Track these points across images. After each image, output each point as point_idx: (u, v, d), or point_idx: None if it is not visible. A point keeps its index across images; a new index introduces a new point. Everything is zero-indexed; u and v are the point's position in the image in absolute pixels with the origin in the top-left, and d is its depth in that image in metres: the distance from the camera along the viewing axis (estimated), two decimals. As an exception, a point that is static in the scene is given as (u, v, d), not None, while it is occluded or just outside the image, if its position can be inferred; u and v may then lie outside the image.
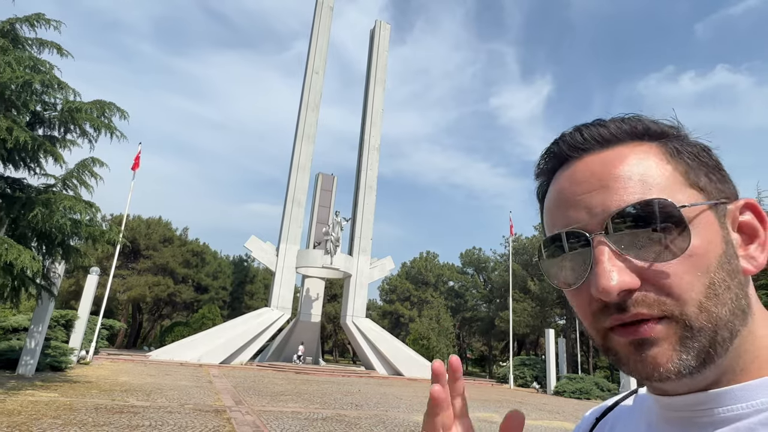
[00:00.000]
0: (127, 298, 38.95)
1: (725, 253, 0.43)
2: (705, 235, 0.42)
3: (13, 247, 7.75)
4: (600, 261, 0.43)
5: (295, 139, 34.21)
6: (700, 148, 0.47)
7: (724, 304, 0.41)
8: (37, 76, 8.28)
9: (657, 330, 0.42)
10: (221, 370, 23.28)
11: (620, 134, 0.47)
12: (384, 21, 40.33)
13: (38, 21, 10.88)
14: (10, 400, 8.93)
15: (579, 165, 0.48)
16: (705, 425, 0.43)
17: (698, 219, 0.43)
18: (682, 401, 0.44)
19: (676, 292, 0.41)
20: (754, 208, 0.46)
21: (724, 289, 0.42)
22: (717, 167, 0.47)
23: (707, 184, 0.45)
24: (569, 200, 0.47)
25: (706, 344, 0.41)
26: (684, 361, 0.41)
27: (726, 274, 0.42)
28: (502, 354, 55.54)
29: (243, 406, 10.87)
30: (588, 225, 0.45)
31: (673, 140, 0.47)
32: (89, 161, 12.13)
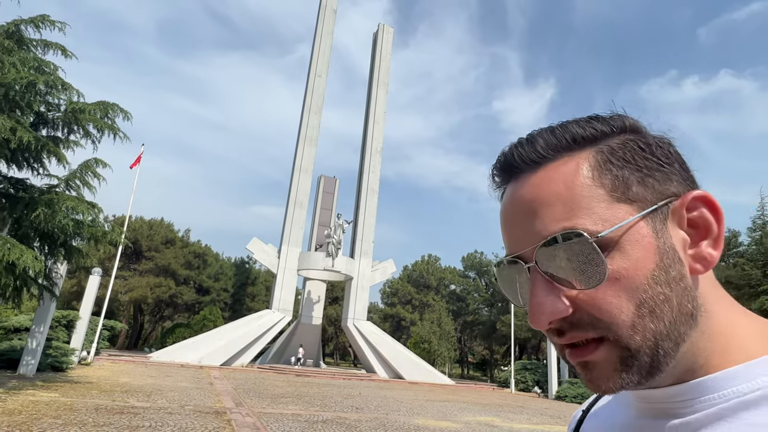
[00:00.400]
0: (129, 299, 39.00)
1: (660, 266, 0.41)
2: (632, 253, 0.41)
3: (16, 247, 7.78)
4: (533, 293, 0.43)
5: (298, 142, 34.28)
6: (636, 148, 0.45)
7: (661, 318, 0.41)
8: (41, 77, 8.32)
9: (596, 354, 0.42)
10: (222, 371, 23.26)
11: (548, 151, 0.45)
12: (387, 24, 40.46)
13: (43, 22, 10.95)
14: (11, 400, 8.93)
15: (516, 188, 0.47)
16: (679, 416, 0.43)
17: (624, 237, 0.41)
18: (658, 394, 0.45)
19: (606, 317, 0.41)
20: (707, 201, 0.43)
21: (661, 302, 0.41)
22: (658, 166, 0.44)
23: (640, 192, 0.43)
24: (507, 225, 0.47)
25: (647, 361, 0.41)
26: (625, 379, 0.41)
27: (662, 287, 0.41)
28: (503, 358, 55.35)
29: (243, 408, 10.85)
30: (523, 254, 0.45)
31: (603, 146, 0.45)
32: (92, 162, 12.17)
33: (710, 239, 0.43)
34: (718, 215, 0.43)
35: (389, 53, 39.60)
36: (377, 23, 39.96)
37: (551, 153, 0.46)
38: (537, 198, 0.44)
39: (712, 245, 0.43)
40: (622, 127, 0.46)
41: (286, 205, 33.21)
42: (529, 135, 0.48)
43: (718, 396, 0.41)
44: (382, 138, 37.44)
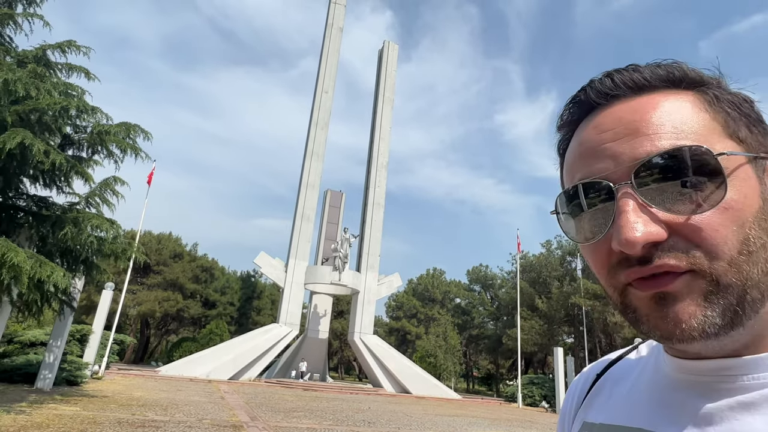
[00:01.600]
0: (137, 314, 39.25)
1: (762, 210, 0.40)
2: (742, 188, 0.39)
3: (47, 265, 8.10)
4: (624, 212, 0.39)
5: (305, 157, 34.77)
6: (742, 99, 0.44)
7: (756, 263, 0.38)
8: (73, 102, 8.74)
9: (679, 283, 0.39)
10: (231, 386, 23.37)
11: (655, 80, 0.44)
12: (392, 41, 41.24)
13: (69, 47, 11.44)
14: (36, 413, 9.17)
15: (607, 113, 0.45)
16: (726, 392, 0.40)
17: (736, 171, 0.39)
18: (707, 365, 0.42)
19: (708, 245, 0.38)
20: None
21: (759, 246, 0.39)
22: (759, 120, 0.44)
23: (748, 136, 0.42)
24: (593, 149, 0.44)
25: (733, 302, 0.38)
26: (709, 318, 0.38)
27: (763, 232, 0.39)
28: (509, 372, 55.02)
29: (259, 422, 11.04)
30: (613, 174, 0.42)
31: (713, 89, 0.44)
32: (111, 180, 12.56)
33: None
34: None
35: (394, 69, 40.29)
36: (381, 38, 40.93)
37: (657, 82, 0.44)
38: (641, 119, 0.42)
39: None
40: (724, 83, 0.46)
41: (293, 220, 33.56)
42: (629, 65, 0.47)
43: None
44: (387, 153, 37.92)
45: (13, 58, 10.77)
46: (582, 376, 0.60)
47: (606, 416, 0.50)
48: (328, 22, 38.20)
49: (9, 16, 9.70)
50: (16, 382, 14.55)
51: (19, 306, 10.18)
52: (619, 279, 0.42)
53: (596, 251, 0.43)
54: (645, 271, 0.40)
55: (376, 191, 36.31)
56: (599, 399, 0.54)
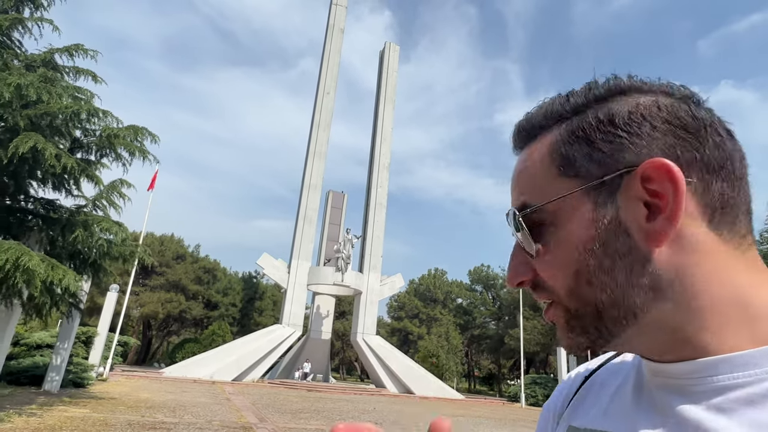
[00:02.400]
0: (140, 315, 39.29)
1: (595, 238, 0.42)
2: (569, 226, 0.43)
3: (59, 268, 8.14)
4: (511, 257, 0.49)
5: (307, 158, 34.82)
6: (591, 123, 0.44)
7: (603, 288, 0.42)
8: (84, 106, 8.78)
9: (551, 314, 0.47)
10: (234, 387, 23.42)
11: (534, 129, 0.49)
12: (391, 42, 41.31)
13: (77, 51, 11.48)
14: (47, 416, 9.22)
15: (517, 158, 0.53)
16: (699, 393, 0.41)
17: (559, 212, 0.44)
18: (670, 369, 0.43)
19: (547, 283, 0.46)
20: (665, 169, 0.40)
21: (601, 272, 0.42)
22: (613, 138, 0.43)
23: (584, 166, 0.43)
24: None
25: (588, 323, 0.43)
26: (572, 338, 0.45)
27: (600, 259, 0.42)
28: (510, 372, 55.13)
29: (268, 424, 11.09)
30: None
31: (569, 123, 0.46)
32: (118, 183, 12.61)
33: (668, 211, 0.40)
34: (676, 185, 0.40)
35: (395, 70, 40.35)
36: (380, 39, 41.07)
37: (535, 130, 0.50)
38: (517, 172, 0.50)
39: (669, 217, 0.40)
40: (600, 96, 0.46)
41: (296, 221, 33.63)
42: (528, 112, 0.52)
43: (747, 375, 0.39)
44: (389, 153, 37.99)
45: (21, 61, 10.83)
46: (570, 378, 0.61)
47: (590, 421, 0.51)
48: (329, 24, 38.26)
49: (19, 20, 9.75)
50: (23, 384, 14.60)
51: (29, 309, 10.22)
52: None
53: None
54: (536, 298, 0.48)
55: (378, 192, 36.36)
56: (585, 403, 0.54)
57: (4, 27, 9.69)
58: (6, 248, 7.53)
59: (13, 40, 10.34)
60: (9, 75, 8.26)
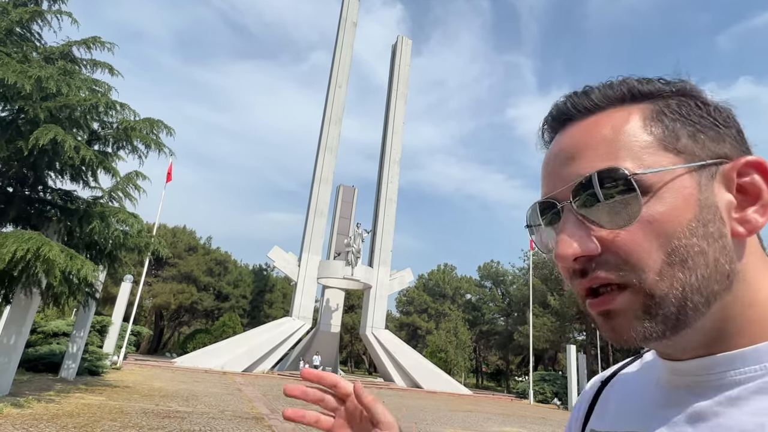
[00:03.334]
0: (153, 305, 39.84)
1: (698, 218, 0.41)
2: (671, 200, 0.41)
3: (77, 258, 8.28)
4: (562, 229, 0.44)
5: (318, 152, 34.87)
6: (693, 106, 0.46)
7: (693, 270, 0.41)
8: (102, 99, 8.89)
9: (618, 301, 0.42)
10: (245, 378, 23.69)
11: (603, 100, 0.47)
12: (404, 35, 41.07)
13: (94, 44, 11.59)
14: (65, 402, 9.42)
15: (562, 136, 0.49)
16: (713, 388, 0.42)
17: (667, 184, 0.42)
18: (688, 366, 0.44)
19: (633, 259, 0.41)
20: (762, 167, 0.43)
21: (695, 253, 0.41)
22: (713, 125, 0.45)
23: (689, 145, 0.44)
24: (548, 170, 0.49)
25: (673, 310, 0.41)
26: (648, 328, 0.41)
27: (699, 240, 0.41)
28: (518, 369, 55.03)
29: (279, 414, 11.21)
30: (559, 194, 0.46)
31: (659, 100, 0.46)
32: (133, 175, 12.76)
33: (759, 205, 0.43)
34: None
35: (408, 65, 40.14)
36: (391, 32, 40.95)
37: (605, 102, 0.47)
38: (582, 141, 0.46)
39: (760, 211, 0.43)
40: (682, 90, 0.47)
41: (306, 214, 33.75)
42: (586, 86, 0.50)
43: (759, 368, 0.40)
44: (400, 148, 37.89)
45: (40, 54, 10.96)
46: (590, 384, 0.63)
47: (610, 424, 0.52)
48: (341, 17, 38.13)
49: (39, 13, 9.86)
50: (41, 371, 14.90)
51: (48, 298, 10.42)
52: (577, 288, 0.46)
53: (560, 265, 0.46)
54: (585, 284, 0.44)
55: (389, 186, 36.33)
56: (604, 407, 0.56)
57: (24, 20, 9.82)
58: (27, 238, 7.69)
59: (32, 33, 10.46)
60: (29, 67, 8.38)
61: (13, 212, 9.93)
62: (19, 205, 10.06)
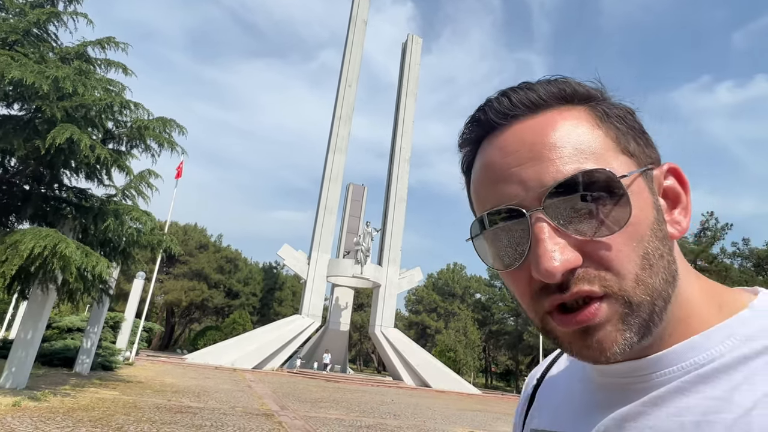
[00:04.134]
0: (164, 302, 40.31)
1: (656, 220, 0.42)
2: (638, 203, 0.40)
3: (92, 255, 8.43)
4: (540, 240, 0.39)
5: (328, 151, 34.98)
6: (625, 111, 0.46)
7: (657, 273, 0.40)
8: (117, 99, 9.04)
9: (602, 313, 0.39)
10: (255, 375, 23.88)
11: (549, 98, 0.45)
12: (414, 34, 41.00)
13: (108, 44, 11.75)
14: (80, 396, 9.60)
15: (508, 133, 0.45)
16: (640, 390, 0.43)
17: (631, 187, 0.41)
18: (618, 369, 0.44)
19: (616, 266, 0.39)
20: (676, 172, 0.46)
21: (658, 257, 0.40)
22: (642, 131, 0.46)
23: (636, 149, 0.44)
24: (501, 174, 0.44)
25: (645, 318, 0.40)
26: (627, 339, 0.40)
27: (659, 242, 0.41)
28: (528, 369, 54.72)
29: (289, 411, 11.31)
30: (524, 201, 0.41)
31: (601, 103, 0.46)
32: (146, 173, 12.93)
33: (680, 208, 0.45)
34: (685, 186, 0.46)
35: (418, 63, 40.08)
36: (402, 30, 40.94)
37: (551, 100, 0.45)
38: (541, 141, 0.42)
39: (683, 213, 0.45)
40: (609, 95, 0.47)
41: (316, 213, 33.89)
42: (524, 82, 0.47)
43: (677, 369, 0.41)
44: (410, 147, 37.86)
45: (56, 54, 11.15)
46: (527, 382, 0.62)
47: (545, 422, 0.53)
48: (352, 15, 38.17)
49: (55, 14, 10.03)
50: (56, 366, 15.18)
51: (63, 294, 10.61)
52: (542, 306, 0.42)
53: (516, 278, 0.43)
54: (565, 298, 0.40)
55: (399, 185, 36.33)
56: (540, 405, 0.56)
57: (42, 21, 9.99)
58: (44, 235, 7.84)
59: (49, 33, 10.65)
60: (46, 68, 8.54)
61: (30, 210, 10.13)
62: (36, 202, 10.25)
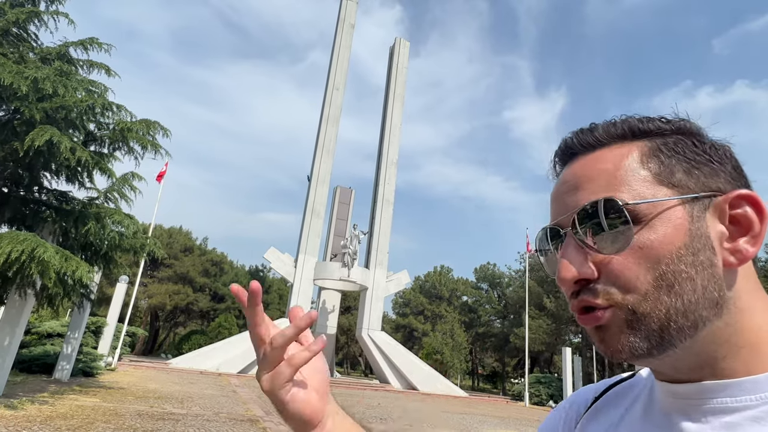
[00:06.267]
0: (148, 306, 39.66)
1: (688, 247, 0.44)
2: (661, 229, 0.45)
3: (72, 260, 8.26)
4: (563, 254, 0.48)
5: (315, 153, 34.87)
6: (689, 144, 0.49)
7: (679, 295, 0.44)
8: (99, 100, 8.88)
9: (605, 317, 0.46)
10: (240, 379, 23.63)
11: (605, 137, 0.51)
12: (401, 37, 41.16)
13: (91, 44, 11.57)
14: (59, 404, 9.38)
15: (569, 168, 0.53)
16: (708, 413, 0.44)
17: (657, 215, 0.45)
18: (685, 389, 0.47)
19: (622, 282, 0.45)
20: (753, 200, 0.46)
21: (683, 279, 0.44)
22: (708, 161, 0.48)
23: (683, 179, 0.47)
24: (555, 199, 0.54)
25: (655, 328, 0.44)
26: (633, 343, 0.45)
27: (687, 266, 0.44)
28: (514, 371, 55.09)
29: (274, 416, 11.21)
30: (562, 221, 0.50)
31: (657, 138, 0.50)
32: (129, 175, 12.73)
33: (749, 236, 0.46)
34: (762, 215, 0.46)
35: (405, 67, 40.21)
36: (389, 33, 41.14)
37: (606, 139, 0.51)
38: (585, 174, 0.50)
39: (751, 242, 0.46)
40: (681, 128, 0.51)
41: (303, 215, 33.72)
42: (592, 124, 0.54)
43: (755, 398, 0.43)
44: (397, 150, 37.93)
45: (36, 54, 10.93)
46: (580, 396, 0.64)
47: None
48: (339, 18, 38.16)
49: (35, 14, 9.84)
50: (35, 372, 14.83)
51: (42, 299, 10.38)
52: (572, 308, 0.49)
53: None
54: (574, 305, 0.48)
55: (386, 188, 36.37)
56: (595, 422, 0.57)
57: (21, 20, 9.80)
58: (22, 239, 7.66)
59: (29, 33, 10.44)
60: (26, 68, 8.37)
61: (8, 213, 9.90)
62: (15, 205, 10.02)
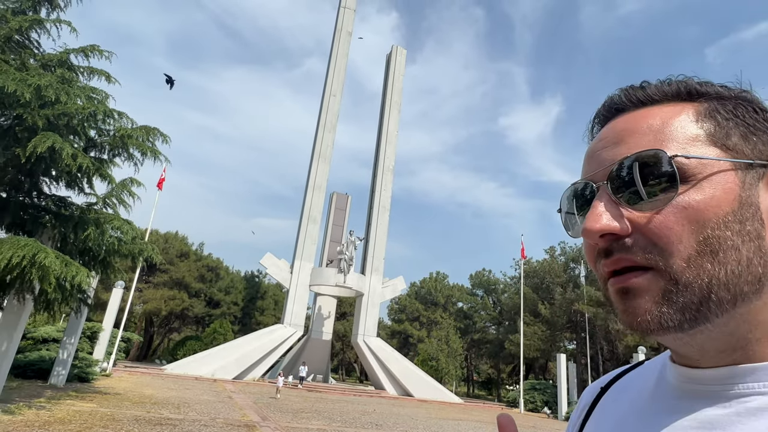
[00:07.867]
0: (143, 312, 39.50)
1: (736, 214, 0.41)
2: (709, 190, 0.41)
3: (72, 265, 8.33)
4: (594, 206, 0.44)
5: (312, 159, 35.01)
6: (749, 110, 0.45)
7: (723, 264, 0.40)
8: (101, 107, 9.00)
9: (639, 281, 0.42)
10: (236, 385, 23.58)
11: (658, 95, 0.47)
12: (398, 44, 41.50)
13: (92, 52, 11.69)
14: (56, 409, 9.41)
15: (610, 124, 0.49)
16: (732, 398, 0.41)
17: (711, 175, 0.41)
18: (709, 374, 0.43)
19: (662, 242, 0.41)
20: None
21: (728, 247, 0.40)
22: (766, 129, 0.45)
23: (739, 144, 0.43)
24: (590, 155, 0.49)
25: (695, 300, 0.40)
26: (665, 314, 0.40)
27: (733, 234, 0.40)
28: (509, 377, 55.10)
29: (270, 422, 11.26)
30: (596, 176, 0.46)
31: (715, 101, 0.46)
32: (128, 181, 12.81)
33: None
34: None
35: (402, 74, 40.54)
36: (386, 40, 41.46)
37: (659, 96, 0.47)
38: (628, 128, 0.46)
39: None
40: (741, 95, 0.47)
41: (299, 221, 33.80)
42: (644, 81, 0.50)
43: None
44: (393, 157, 38.15)
45: (38, 61, 11.05)
46: (588, 390, 0.62)
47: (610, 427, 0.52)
48: (337, 26, 38.47)
49: (38, 21, 9.97)
50: (30, 378, 14.80)
51: (40, 304, 10.42)
52: (599, 270, 0.46)
53: (586, 244, 0.47)
54: (608, 264, 0.44)
55: (382, 194, 36.53)
56: (603, 412, 0.55)
57: (24, 28, 9.92)
58: (23, 244, 7.74)
59: (31, 40, 10.56)
60: (29, 75, 8.48)
61: (8, 218, 9.96)
62: (14, 211, 10.09)
